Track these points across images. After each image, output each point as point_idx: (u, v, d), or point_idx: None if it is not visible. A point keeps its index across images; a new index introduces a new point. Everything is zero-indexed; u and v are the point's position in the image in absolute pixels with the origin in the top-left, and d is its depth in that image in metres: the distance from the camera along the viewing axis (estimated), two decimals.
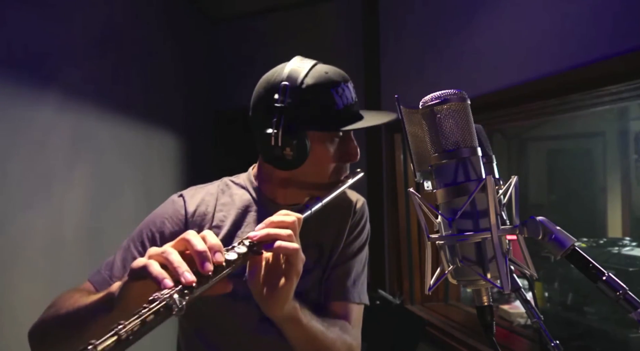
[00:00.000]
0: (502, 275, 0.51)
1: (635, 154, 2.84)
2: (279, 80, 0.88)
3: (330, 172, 0.93)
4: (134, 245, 0.91)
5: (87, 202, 1.99)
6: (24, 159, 1.65)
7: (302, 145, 0.87)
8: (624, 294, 0.52)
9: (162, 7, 2.69)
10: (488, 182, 0.52)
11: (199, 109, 3.16)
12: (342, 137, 0.94)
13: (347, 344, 0.93)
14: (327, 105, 0.88)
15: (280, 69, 0.91)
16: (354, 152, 0.94)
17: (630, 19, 1.28)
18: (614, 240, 2.26)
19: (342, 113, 0.90)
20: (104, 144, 2.11)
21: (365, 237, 1.05)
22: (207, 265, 0.62)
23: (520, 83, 1.66)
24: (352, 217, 1.02)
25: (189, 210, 0.95)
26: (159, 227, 0.93)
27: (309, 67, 0.90)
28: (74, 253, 1.87)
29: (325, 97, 0.88)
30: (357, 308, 1.00)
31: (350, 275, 0.99)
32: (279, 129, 0.85)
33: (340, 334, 0.92)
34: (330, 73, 0.91)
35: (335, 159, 0.93)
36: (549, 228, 0.56)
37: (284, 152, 0.86)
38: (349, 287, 0.98)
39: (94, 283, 0.89)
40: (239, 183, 1.02)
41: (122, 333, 0.50)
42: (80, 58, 1.96)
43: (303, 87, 0.87)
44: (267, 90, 0.90)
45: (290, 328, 0.83)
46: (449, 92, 0.56)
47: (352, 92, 0.93)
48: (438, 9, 2.23)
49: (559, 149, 3.53)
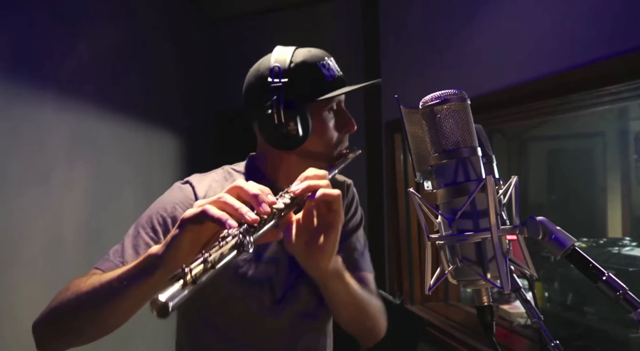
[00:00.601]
0: (502, 275, 0.51)
1: (635, 154, 2.84)
2: (269, 65, 0.94)
3: (334, 143, 0.97)
4: (145, 230, 0.90)
5: (87, 202, 1.99)
6: (24, 159, 1.65)
7: (304, 117, 0.91)
8: (624, 294, 0.52)
9: (162, 7, 2.69)
10: (488, 182, 0.52)
11: (199, 109, 3.16)
12: (336, 110, 0.99)
13: (378, 304, 1.00)
14: (317, 78, 0.94)
15: (265, 58, 0.98)
16: (350, 121, 0.99)
17: (630, 19, 1.28)
18: (614, 240, 2.26)
19: (331, 84, 0.95)
20: (104, 144, 2.11)
21: (360, 216, 1.11)
22: (264, 206, 0.63)
23: (520, 83, 1.66)
24: (346, 196, 1.09)
25: (199, 195, 0.95)
26: (170, 212, 0.92)
27: (292, 50, 0.97)
28: (73, 253, 1.87)
29: (314, 70, 0.94)
30: (370, 276, 1.05)
31: (357, 249, 1.05)
32: (280, 107, 0.89)
33: (369, 295, 0.97)
34: (312, 51, 0.98)
35: (336, 129, 0.98)
36: (549, 228, 0.56)
37: (288, 128, 0.90)
38: (358, 258, 1.04)
39: (104, 270, 0.84)
40: (240, 171, 1.04)
41: (208, 260, 0.50)
42: (80, 58, 1.96)
43: (292, 66, 0.93)
44: (258, 77, 0.96)
45: (335, 284, 0.85)
46: (449, 92, 0.56)
47: (336, 66, 1.00)
48: (438, 9, 2.23)
49: (559, 149, 3.53)
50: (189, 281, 0.48)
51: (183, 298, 0.47)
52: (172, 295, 0.46)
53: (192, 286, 0.48)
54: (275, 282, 0.95)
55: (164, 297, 0.45)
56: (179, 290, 0.47)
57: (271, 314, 0.94)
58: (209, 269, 0.50)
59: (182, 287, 0.47)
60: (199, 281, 0.49)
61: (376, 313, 0.98)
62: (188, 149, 2.94)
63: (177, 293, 0.46)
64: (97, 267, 0.87)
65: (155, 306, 0.45)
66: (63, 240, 1.84)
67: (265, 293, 0.94)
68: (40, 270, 1.69)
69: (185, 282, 0.47)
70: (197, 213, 0.63)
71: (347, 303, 0.89)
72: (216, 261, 0.51)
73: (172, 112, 2.80)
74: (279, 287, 0.95)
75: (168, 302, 0.45)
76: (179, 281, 0.47)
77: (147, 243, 0.88)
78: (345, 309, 0.91)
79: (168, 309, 0.45)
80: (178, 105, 2.88)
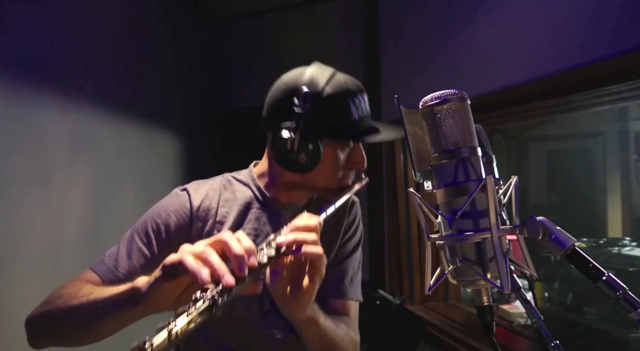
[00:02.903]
0: (502, 275, 0.51)
1: (635, 154, 2.84)
2: (299, 84, 0.90)
3: (339, 178, 0.96)
4: (139, 236, 0.91)
5: (87, 202, 1.99)
6: (24, 159, 1.65)
7: (317, 151, 0.89)
8: (624, 294, 0.52)
9: (162, 6, 2.69)
10: (488, 182, 0.52)
11: (200, 109, 3.16)
12: (352, 146, 0.97)
13: (352, 339, 0.98)
14: (344, 116, 0.90)
15: (299, 74, 0.93)
16: (362, 161, 0.97)
17: (630, 19, 1.28)
18: (614, 240, 2.26)
19: (356, 124, 0.92)
20: (104, 144, 2.11)
21: (359, 236, 1.09)
22: (245, 269, 0.63)
23: (520, 83, 1.66)
24: (347, 216, 1.06)
25: (194, 204, 0.96)
26: (165, 219, 0.93)
27: (329, 75, 0.92)
28: (74, 253, 1.87)
29: (344, 107, 0.90)
30: (354, 305, 1.04)
31: (348, 274, 1.03)
32: (297, 134, 0.87)
33: (347, 330, 0.96)
34: (349, 83, 0.93)
35: (345, 167, 0.96)
36: (549, 228, 0.56)
37: (298, 156, 0.88)
38: (347, 285, 1.02)
39: (98, 273, 0.88)
40: (240, 179, 1.03)
41: (173, 332, 0.51)
42: (80, 58, 1.96)
43: (323, 96, 0.89)
44: (286, 93, 0.91)
45: (308, 329, 0.85)
46: (449, 92, 0.56)
47: (367, 104, 0.96)
48: (438, 9, 2.23)
49: (559, 149, 3.53)
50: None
51: None
52: None
53: None
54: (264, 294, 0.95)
55: None
56: None
57: (259, 325, 0.95)
58: (173, 340, 0.51)
59: None
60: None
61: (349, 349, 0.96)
62: (188, 149, 2.94)
63: None
64: (92, 268, 0.90)
65: None
66: (63, 240, 1.84)
67: (252, 306, 0.94)
68: (40, 270, 1.69)
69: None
70: (177, 262, 0.63)
71: (318, 342, 0.89)
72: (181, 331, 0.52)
73: (172, 112, 2.80)
74: (267, 299, 0.95)
75: None
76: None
77: (139, 249, 0.90)
78: (314, 348, 0.90)
79: None
80: (178, 105, 2.88)
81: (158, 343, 0.50)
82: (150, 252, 0.90)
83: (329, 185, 0.95)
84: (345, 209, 1.06)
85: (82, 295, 0.78)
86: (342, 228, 1.04)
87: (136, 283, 0.70)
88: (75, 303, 0.78)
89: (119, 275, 0.87)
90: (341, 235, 1.04)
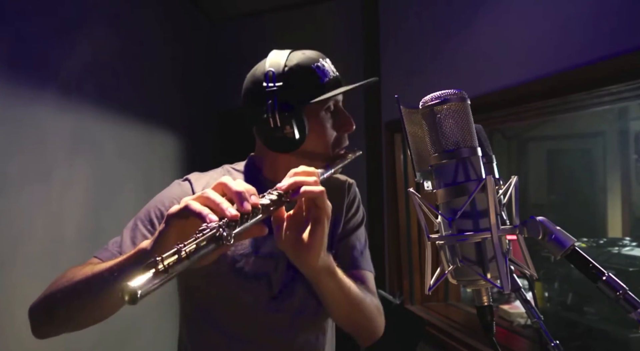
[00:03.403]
0: (502, 275, 0.51)
1: (635, 154, 2.84)
2: (263, 70, 0.95)
3: (332, 142, 0.98)
4: (142, 223, 0.92)
5: (87, 202, 1.99)
6: (23, 159, 1.65)
7: (300, 120, 0.92)
8: (624, 294, 0.52)
9: (162, 6, 2.69)
10: (488, 182, 0.52)
11: (200, 109, 3.16)
12: (334, 110, 0.99)
13: (374, 303, 0.98)
14: (311, 80, 0.95)
15: (261, 63, 0.99)
16: (348, 120, 0.99)
17: (630, 19, 1.28)
18: (614, 240, 2.26)
19: (327, 85, 0.96)
20: (104, 144, 2.11)
21: (362, 215, 1.11)
22: (246, 204, 0.64)
23: (520, 83, 1.66)
24: (347, 195, 1.09)
25: (197, 191, 0.96)
26: (168, 206, 0.93)
27: (287, 53, 0.98)
28: (73, 253, 1.87)
29: (309, 73, 0.95)
30: (370, 275, 1.05)
31: (356, 247, 1.05)
32: (275, 111, 0.90)
33: (367, 293, 0.96)
34: (307, 53, 0.98)
35: (333, 130, 0.98)
36: (549, 228, 0.56)
37: (284, 131, 0.91)
38: (357, 257, 1.04)
39: (102, 259, 0.88)
40: (239, 170, 1.05)
41: (182, 251, 0.51)
42: (81, 58, 1.96)
43: (286, 70, 0.94)
44: (253, 82, 0.97)
45: (327, 281, 0.85)
46: (449, 92, 0.56)
47: (332, 67, 1.00)
48: (438, 9, 2.23)
49: (559, 149, 3.53)
50: (160, 270, 0.49)
51: (153, 286, 0.48)
52: (142, 283, 0.47)
53: (164, 276, 0.49)
54: (272, 278, 0.95)
55: (134, 284, 0.47)
56: (149, 279, 0.48)
57: (268, 310, 0.95)
58: (183, 259, 0.51)
59: (154, 276, 0.48)
60: (171, 271, 0.50)
61: (372, 311, 0.97)
62: (188, 149, 2.94)
63: (147, 281, 0.48)
64: (96, 256, 0.90)
65: (125, 292, 0.46)
66: (63, 240, 1.84)
67: (261, 289, 0.94)
68: (40, 270, 1.69)
69: (157, 271, 0.49)
70: (181, 208, 0.64)
71: (339, 301, 0.89)
72: (191, 252, 0.52)
73: (172, 112, 2.80)
74: (275, 283, 0.95)
75: (137, 290, 0.47)
76: (151, 270, 0.49)
77: (144, 235, 0.90)
78: (338, 306, 0.90)
79: (137, 296, 0.46)
80: (178, 105, 2.87)
81: (169, 261, 0.50)
82: None
83: (324, 151, 0.97)
84: (344, 190, 1.09)
85: (86, 271, 0.78)
86: (344, 207, 1.07)
87: (141, 245, 0.70)
88: (80, 278, 0.78)
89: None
90: (344, 214, 1.06)
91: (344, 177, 1.12)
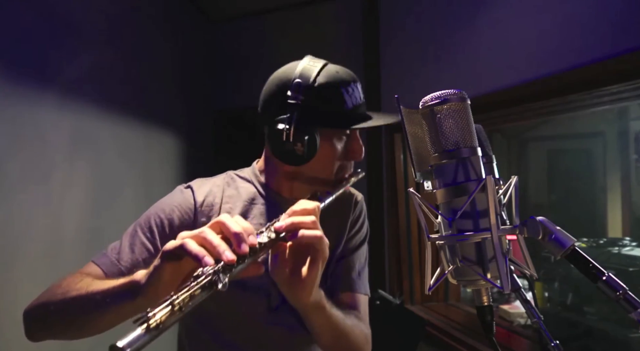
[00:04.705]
0: (502, 275, 0.51)
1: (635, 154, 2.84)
2: (292, 77, 0.91)
3: (336, 169, 0.96)
4: (142, 230, 0.91)
5: (87, 202, 1.99)
6: (24, 159, 1.65)
7: (313, 141, 0.89)
8: (624, 294, 0.52)
9: (162, 6, 2.69)
10: (488, 182, 0.52)
11: (199, 109, 3.16)
12: (348, 135, 0.96)
13: (363, 332, 0.96)
14: (337, 104, 0.91)
15: (292, 67, 0.94)
16: (359, 150, 0.97)
17: (630, 19, 1.28)
18: (614, 240, 2.26)
19: (351, 112, 0.92)
20: (103, 144, 2.11)
21: (365, 232, 1.09)
22: (244, 246, 0.64)
23: (520, 83, 1.66)
24: (353, 211, 1.06)
25: (198, 200, 0.96)
26: (168, 214, 0.93)
27: (321, 66, 0.93)
28: (73, 253, 1.87)
29: (336, 96, 0.91)
30: (363, 299, 1.03)
31: (355, 268, 1.03)
32: (292, 125, 0.87)
33: (356, 322, 0.95)
34: (341, 73, 0.93)
35: (342, 157, 0.96)
36: (549, 228, 0.56)
37: (294, 147, 0.89)
38: (354, 279, 1.02)
39: (100, 266, 0.87)
40: (243, 176, 1.03)
41: (175, 303, 0.51)
42: (81, 58, 1.96)
43: (315, 85, 0.89)
44: (279, 87, 0.92)
45: (315, 316, 0.84)
46: (449, 92, 0.56)
47: (361, 93, 0.96)
48: (438, 9, 2.23)
49: (559, 149, 3.53)
50: (152, 326, 0.48)
51: (144, 342, 0.48)
52: (132, 341, 0.47)
53: (155, 332, 0.49)
54: (271, 291, 0.94)
55: (123, 344, 0.46)
56: (139, 335, 0.47)
57: (265, 322, 0.94)
58: (176, 312, 0.51)
59: (145, 332, 0.48)
60: (162, 327, 0.49)
61: (359, 342, 0.94)
62: (188, 149, 2.94)
63: (137, 338, 0.47)
64: (94, 261, 0.89)
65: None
66: (63, 240, 1.84)
67: (260, 301, 0.94)
68: (40, 270, 1.69)
69: (148, 327, 0.48)
70: (177, 247, 0.63)
71: (326, 332, 0.88)
72: (184, 304, 0.52)
73: (172, 112, 2.80)
74: (274, 296, 0.94)
75: (126, 349, 0.46)
76: (142, 326, 0.48)
77: (142, 243, 0.89)
78: (324, 337, 0.89)
79: None
80: (178, 105, 2.87)
81: (161, 315, 0.49)
82: (153, 246, 0.89)
83: (326, 176, 0.95)
84: (350, 205, 1.06)
85: (81, 287, 0.78)
86: (348, 223, 1.05)
87: (135, 277, 0.70)
88: (74, 294, 0.77)
89: (121, 268, 0.87)
90: (347, 230, 1.04)
91: (354, 190, 1.10)
